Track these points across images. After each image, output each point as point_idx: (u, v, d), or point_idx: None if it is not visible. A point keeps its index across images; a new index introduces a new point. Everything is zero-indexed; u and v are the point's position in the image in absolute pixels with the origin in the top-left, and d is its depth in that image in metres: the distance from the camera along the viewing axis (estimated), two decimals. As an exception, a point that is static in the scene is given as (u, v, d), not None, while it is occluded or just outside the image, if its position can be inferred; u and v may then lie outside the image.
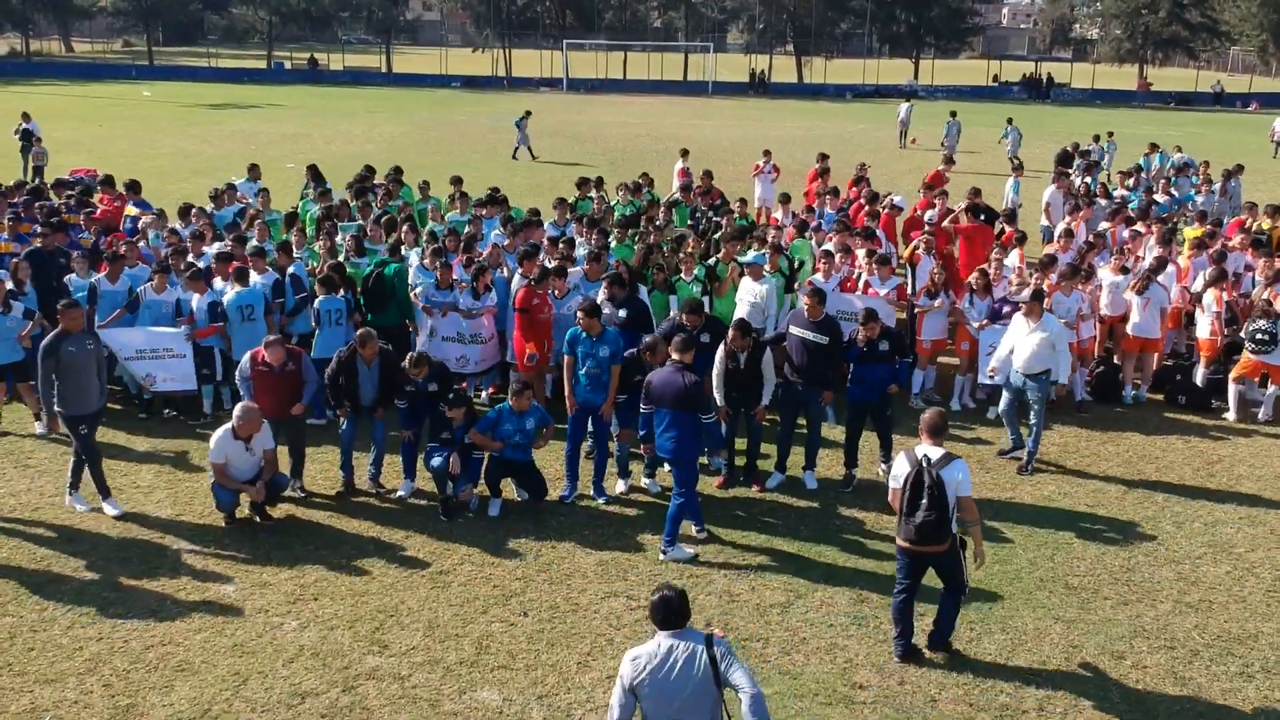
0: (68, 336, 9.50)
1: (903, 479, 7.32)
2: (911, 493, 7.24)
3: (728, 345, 10.09)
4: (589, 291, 12.21)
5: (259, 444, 9.45)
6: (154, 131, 38.68)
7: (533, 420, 9.82)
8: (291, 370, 9.98)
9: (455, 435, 9.79)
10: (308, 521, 9.69)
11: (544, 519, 9.77)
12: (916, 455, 7.33)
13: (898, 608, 7.62)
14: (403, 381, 9.93)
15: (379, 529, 9.54)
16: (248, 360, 9.95)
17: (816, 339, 10.22)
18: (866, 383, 10.38)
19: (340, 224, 14.33)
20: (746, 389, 10.13)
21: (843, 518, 9.92)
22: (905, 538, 7.37)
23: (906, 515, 7.28)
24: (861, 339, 10.34)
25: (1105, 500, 10.42)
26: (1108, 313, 13.36)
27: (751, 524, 9.74)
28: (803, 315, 10.35)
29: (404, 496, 10.12)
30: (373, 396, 10.11)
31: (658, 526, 9.52)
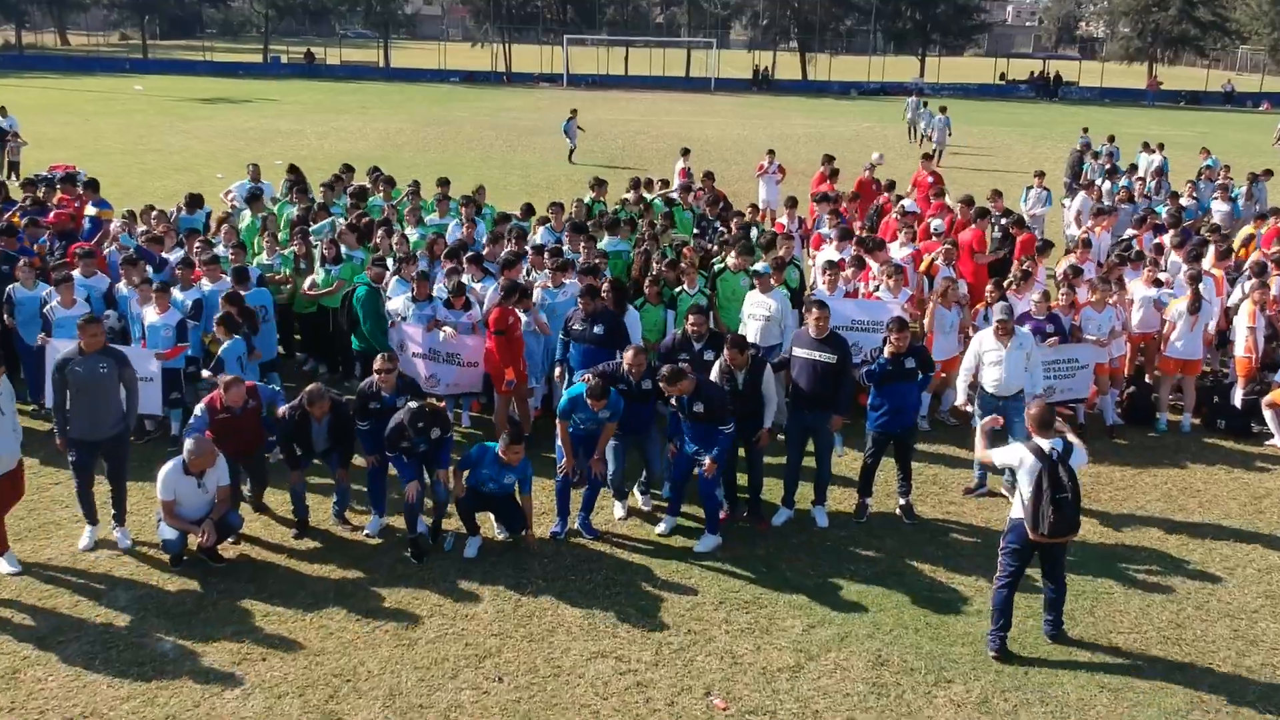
0: (77, 355, 8.59)
1: (1033, 474, 7.31)
2: (1051, 485, 7.24)
3: (724, 363, 9.14)
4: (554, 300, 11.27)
5: (212, 480, 8.48)
6: (143, 127, 37.69)
7: (514, 476, 8.82)
8: (253, 407, 9.01)
9: (414, 443, 8.74)
10: (262, 563, 8.72)
11: (526, 561, 8.79)
12: (1041, 448, 7.37)
13: (1003, 601, 7.59)
14: (364, 399, 8.96)
15: (340, 573, 8.57)
16: (204, 410, 8.88)
17: (825, 358, 9.25)
18: (891, 408, 9.38)
19: (313, 226, 13.34)
20: (746, 413, 9.16)
21: (857, 559, 8.95)
22: (1043, 531, 7.29)
23: (1047, 507, 7.23)
24: (889, 352, 9.32)
25: (1146, 539, 9.45)
26: (1139, 329, 12.37)
27: (755, 567, 8.77)
28: (807, 335, 9.35)
29: (370, 534, 9.15)
30: (325, 445, 9.15)
31: (654, 572, 8.58)
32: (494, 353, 10.49)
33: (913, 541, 9.29)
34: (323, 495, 9.58)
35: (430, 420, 8.75)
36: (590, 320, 10.07)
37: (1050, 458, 7.34)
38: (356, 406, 8.99)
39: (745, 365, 9.04)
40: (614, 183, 18.77)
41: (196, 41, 77.38)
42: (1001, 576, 7.63)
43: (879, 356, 9.40)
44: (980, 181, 26.34)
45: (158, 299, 10.37)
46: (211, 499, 8.48)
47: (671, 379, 8.71)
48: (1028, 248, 13.48)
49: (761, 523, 9.45)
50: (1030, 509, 7.31)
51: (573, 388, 9.18)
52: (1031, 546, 7.49)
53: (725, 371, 9.12)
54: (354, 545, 9.02)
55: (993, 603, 7.70)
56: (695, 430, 8.97)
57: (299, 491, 9.15)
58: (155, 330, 10.30)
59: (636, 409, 9.25)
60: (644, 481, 9.69)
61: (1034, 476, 7.30)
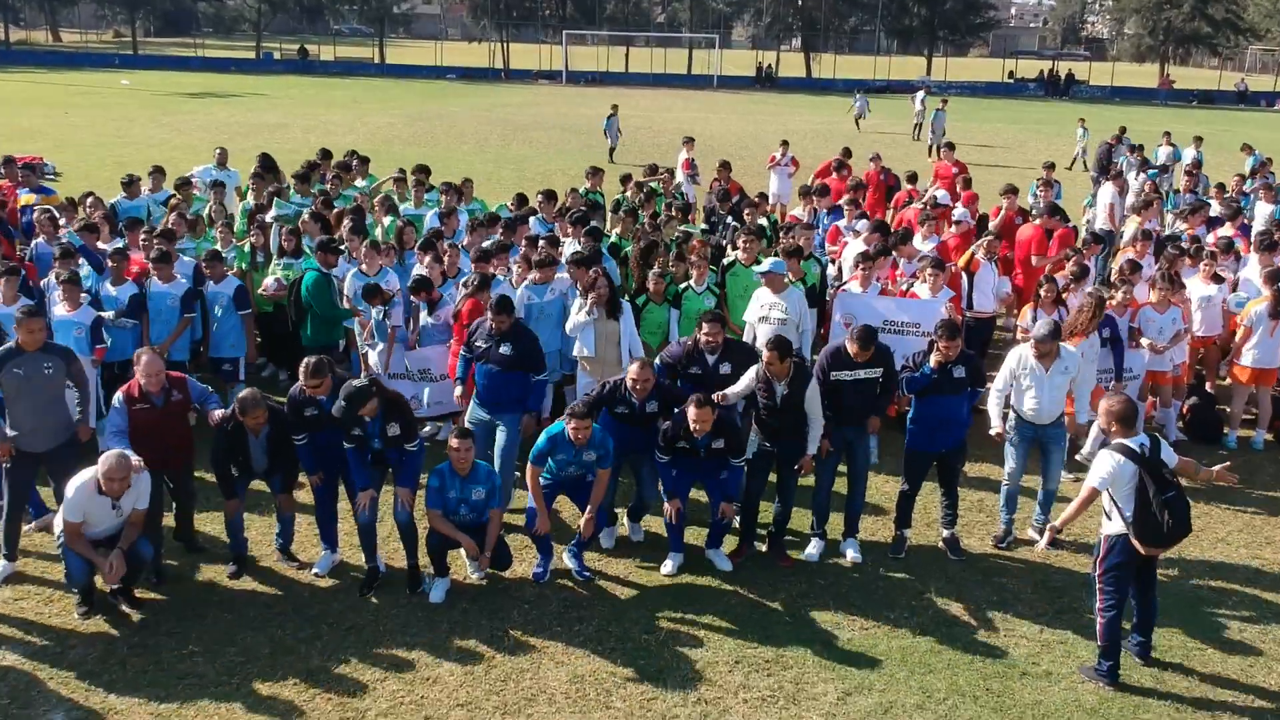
0: (18, 354, 7.36)
1: (1132, 479, 6.36)
2: (1157, 486, 6.31)
3: (760, 372, 7.72)
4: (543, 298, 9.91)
5: (129, 502, 7.05)
6: (124, 120, 36.31)
7: (483, 489, 7.43)
8: (178, 401, 7.57)
9: (369, 431, 7.32)
10: (188, 608, 7.28)
11: (503, 607, 7.37)
12: (1130, 448, 6.40)
13: (1111, 630, 6.63)
14: (299, 408, 7.52)
15: (280, 622, 7.14)
16: (121, 400, 7.46)
17: (869, 374, 7.90)
18: (935, 424, 7.98)
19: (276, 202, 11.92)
20: (788, 432, 7.78)
21: (897, 605, 7.51)
22: (1152, 541, 6.40)
23: (1159, 511, 6.30)
24: (936, 361, 7.88)
25: (1230, 577, 8.04)
26: (1199, 332, 10.97)
27: (776, 616, 7.35)
28: (845, 358, 7.86)
29: (320, 574, 7.72)
30: (265, 464, 7.69)
31: (656, 623, 7.19)
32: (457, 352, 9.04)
33: (961, 582, 7.88)
34: (267, 524, 8.16)
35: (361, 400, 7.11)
36: (498, 339, 8.28)
37: (1144, 455, 6.41)
38: (290, 418, 7.55)
39: (786, 375, 7.63)
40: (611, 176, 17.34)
41: (190, 39, 76.00)
42: (1107, 602, 6.63)
43: (923, 363, 7.98)
44: (996, 177, 24.99)
45: (66, 292, 8.91)
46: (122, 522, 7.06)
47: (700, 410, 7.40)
48: (1068, 241, 12.05)
49: (785, 559, 8.03)
50: (1138, 519, 6.37)
51: (551, 426, 7.70)
52: (1138, 562, 6.56)
53: (762, 381, 7.71)
54: (300, 586, 7.60)
55: (1101, 634, 6.68)
56: (702, 467, 7.68)
57: (236, 523, 7.73)
58: (64, 329, 8.81)
59: (635, 432, 7.87)
60: (634, 508, 8.27)
61: (1134, 482, 6.35)
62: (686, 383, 8.37)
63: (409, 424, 7.50)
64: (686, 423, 7.47)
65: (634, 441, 7.92)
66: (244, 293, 9.97)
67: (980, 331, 10.94)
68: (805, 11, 71.64)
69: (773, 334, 9.36)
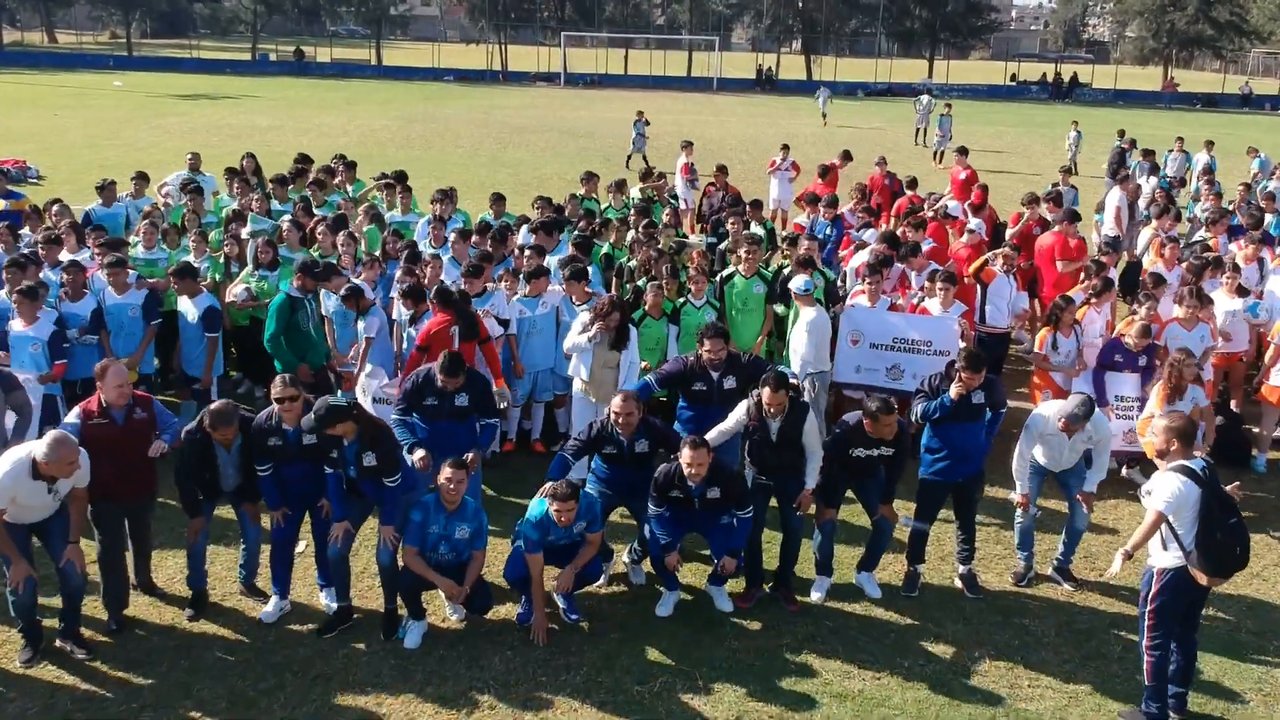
0: None
1: (1195, 504, 5.84)
2: (1222, 508, 5.84)
3: (752, 406, 7.15)
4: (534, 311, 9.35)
5: (64, 486, 6.43)
6: (115, 122, 35.71)
7: (468, 528, 6.85)
8: (142, 419, 6.92)
9: (345, 456, 6.76)
10: (139, 654, 6.70)
11: (484, 654, 6.79)
12: (1193, 469, 5.90)
13: (1161, 667, 6.15)
14: (261, 436, 6.91)
15: (239, 670, 6.55)
16: (77, 414, 6.87)
17: (884, 452, 7.29)
18: (952, 452, 7.40)
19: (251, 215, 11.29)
20: (786, 467, 7.23)
21: (911, 652, 6.92)
22: (1216, 570, 5.88)
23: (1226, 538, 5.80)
24: (956, 392, 7.30)
25: (1270, 617, 7.46)
26: (1224, 349, 10.38)
27: (781, 665, 6.76)
28: (863, 435, 7.19)
29: (267, 620, 7.07)
30: (236, 482, 7.09)
31: (651, 671, 6.60)
32: None
33: (979, 624, 7.30)
34: (231, 557, 7.57)
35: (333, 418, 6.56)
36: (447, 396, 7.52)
37: (1205, 477, 5.91)
38: (254, 442, 6.94)
39: (782, 410, 7.06)
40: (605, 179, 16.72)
41: (186, 40, 75.45)
42: (1155, 639, 6.15)
43: (941, 391, 7.38)
44: (1003, 183, 24.43)
45: (20, 306, 8.30)
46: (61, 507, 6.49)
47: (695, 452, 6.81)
48: (1084, 251, 11.47)
49: (792, 603, 7.43)
50: (1201, 547, 5.85)
51: (534, 506, 7.05)
52: (1191, 596, 6.09)
53: (755, 416, 7.14)
54: (264, 630, 7.01)
55: (1148, 674, 6.20)
56: (698, 517, 7.09)
57: (198, 551, 7.12)
58: (20, 345, 8.22)
59: (627, 472, 7.29)
60: (635, 549, 7.68)
61: (1196, 507, 5.85)
62: (690, 401, 7.85)
63: (389, 457, 6.91)
64: (680, 469, 6.90)
65: (627, 484, 7.35)
66: (215, 314, 9.35)
67: (992, 348, 10.33)
68: (806, 13, 71.05)
69: (807, 353, 8.90)
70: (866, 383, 9.70)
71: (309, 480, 6.98)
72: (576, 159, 29.16)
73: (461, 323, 8.57)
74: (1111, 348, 9.11)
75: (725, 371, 7.78)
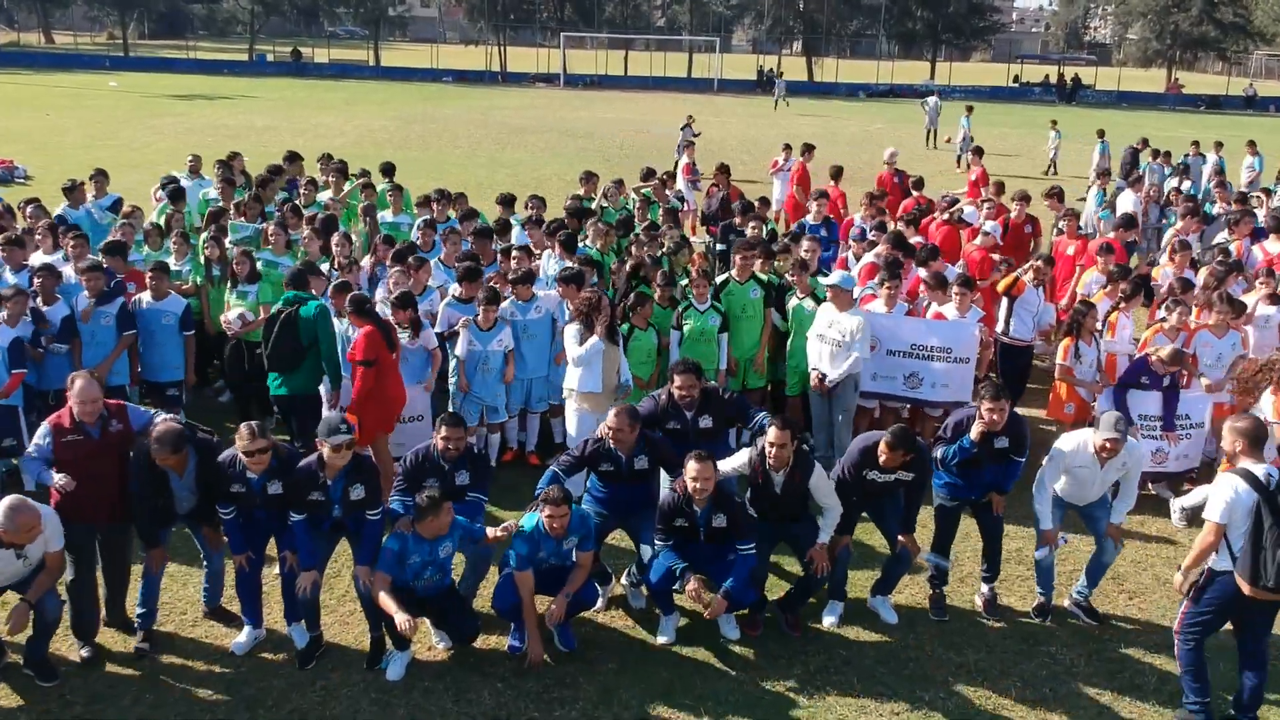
0: None
1: (1249, 510, 5.59)
2: (1276, 523, 5.50)
3: (756, 457, 6.67)
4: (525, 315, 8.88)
5: (35, 548, 5.97)
6: (109, 123, 35.26)
7: (450, 544, 6.38)
8: (118, 431, 6.43)
9: (330, 496, 6.32)
10: (102, 685, 6.21)
11: (472, 687, 6.30)
12: (1255, 475, 5.63)
13: (1195, 659, 5.94)
14: (225, 478, 6.42)
15: (207, 705, 6.06)
16: (48, 432, 6.37)
17: (900, 477, 6.81)
18: (966, 481, 7.02)
19: (231, 224, 10.78)
20: (790, 519, 6.83)
21: (930, 683, 6.43)
22: (1267, 583, 5.54)
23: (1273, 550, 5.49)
24: (978, 432, 6.79)
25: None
26: (1254, 355, 9.88)
27: (790, 697, 6.28)
28: (876, 461, 6.71)
29: (238, 652, 6.57)
30: (192, 505, 6.58)
31: (651, 705, 6.11)
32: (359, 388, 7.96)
33: (1004, 653, 6.81)
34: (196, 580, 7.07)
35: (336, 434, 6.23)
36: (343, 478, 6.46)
37: (1268, 487, 5.62)
38: (215, 485, 6.44)
39: (787, 463, 6.58)
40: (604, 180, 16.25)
41: (183, 41, 75.04)
42: (1189, 630, 5.95)
43: (961, 436, 6.90)
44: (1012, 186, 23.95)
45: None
46: (35, 570, 6.01)
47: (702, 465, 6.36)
48: (1121, 255, 10.99)
49: (796, 629, 6.94)
50: (1248, 555, 5.60)
51: (525, 520, 6.57)
52: (1238, 605, 5.78)
53: (759, 467, 6.66)
54: (235, 659, 6.52)
55: (1182, 666, 6.03)
56: (704, 552, 6.63)
57: (154, 582, 6.61)
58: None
59: (624, 489, 6.81)
60: (634, 572, 7.19)
61: (1250, 512, 5.61)
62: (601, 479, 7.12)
63: (375, 488, 6.46)
64: (685, 490, 6.44)
65: (625, 502, 6.88)
66: (190, 313, 8.89)
67: (1016, 359, 9.88)
68: (807, 15, 70.63)
69: (828, 355, 8.46)
70: (883, 391, 9.25)
71: (273, 519, 6.50)
72: (576, 159, 28.69)
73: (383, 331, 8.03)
74: (1137, 368, 8.61)
75: (700, 410, 7.23)
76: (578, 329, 8.26)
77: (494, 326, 8.69)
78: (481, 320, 8.63)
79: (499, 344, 8.70)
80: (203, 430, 6.67)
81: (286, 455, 6.51)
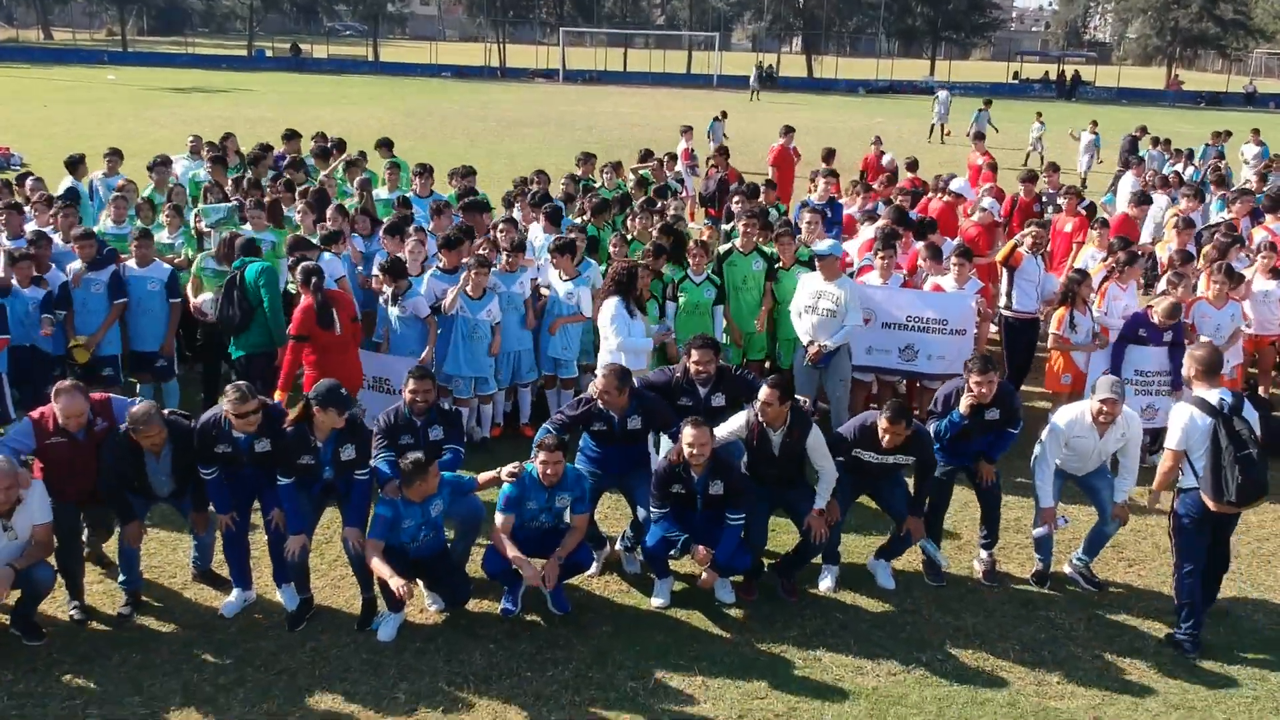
0: None
1: (1206, 434, 6.03)
2: (1231, 442, 5.96)
3: (754, 416, 6.58)
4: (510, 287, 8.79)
5: (22, 520, 5.91)
6: (105, 115, 35.19)
7: (440, 501, 6.30)
8: (103, 430, 6.32)
9: (320, 458, 6.26)
10: (90, 647, 6.15)
11: (464, 648, 6.23)
12: (1208, 402, 6.10)
13: (1191, 591, 6.30)
14: (207, 440, 6.32)
15: (196, 664, 5.99)
16: (29, 429, 6.24)
17: (898, 460, 6.74)
18: (957, 451, 6.99)
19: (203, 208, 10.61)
20: (788, 483, 6.75)
21: (927, 646, 6.36)
22: (1230, 498, 6.01)
23: (1231, 468, 5.95)
24: (968, 405, 6.76)
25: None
26: (1255, 330, 9.85)
27: (786, 661, 6.21)
28: (873, 435, 6.63)
29: (228, 615, 6.50)
30: (170, 489, 6.48)
31: (644, 667, 6.04)
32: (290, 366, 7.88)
33: (1003, 618, 6.74)
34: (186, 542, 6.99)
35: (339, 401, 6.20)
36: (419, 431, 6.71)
37: (1221, 411, 6.05)
38: (198, 447, 6.34)
39: (784, 422, 6.51)
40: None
41: (182, 38, 75.01)
42: (1185, 564, 6.32)
43: (951, 409, 6.86)
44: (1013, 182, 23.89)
45: None
46: (21, 545, 5.92)
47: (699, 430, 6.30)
48: (1122, 228, 10.93)
49: (793, 594, 6.86)
50: (1210, 475, 6.05)
51: None
52: (1210, 520, 6.21)
53: (755, 428, 6.57)
54: (225, 622, 6.45)
55: (1179, 597, 6.40)
56: (698, 521, 6.54)
57: (132, 553, 6.50)
58: None
59: (621, 451, 6.74)
60: (629, 535, 7.11)
61: (1207, 435, 6.03)
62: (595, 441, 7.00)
63: (365, 447, 6.40)
64: (680, 456, 6.37)
65: (618, 462, 6.82)
66: (177, 280, 8.84)
67: (1022, 334, 9.78)
68: (807, 11, 70.59)
69: (817, 325, 8.34)
70: (878, 364, 9.17)
71: (260, 479, 6.42)
72: (574, 150, 28.34)
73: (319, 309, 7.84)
74: (1136, 321, 8.55)
75: (714, 387, 7.09)
76: (618, 307, 8.10)
77: (483, 295, 8.60)
78: (472, 289, 8.53)
79: (488, 314, 8.60)
80: (180, 415, 6.56)
81: (273, 411, 6.44)
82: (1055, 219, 11.85)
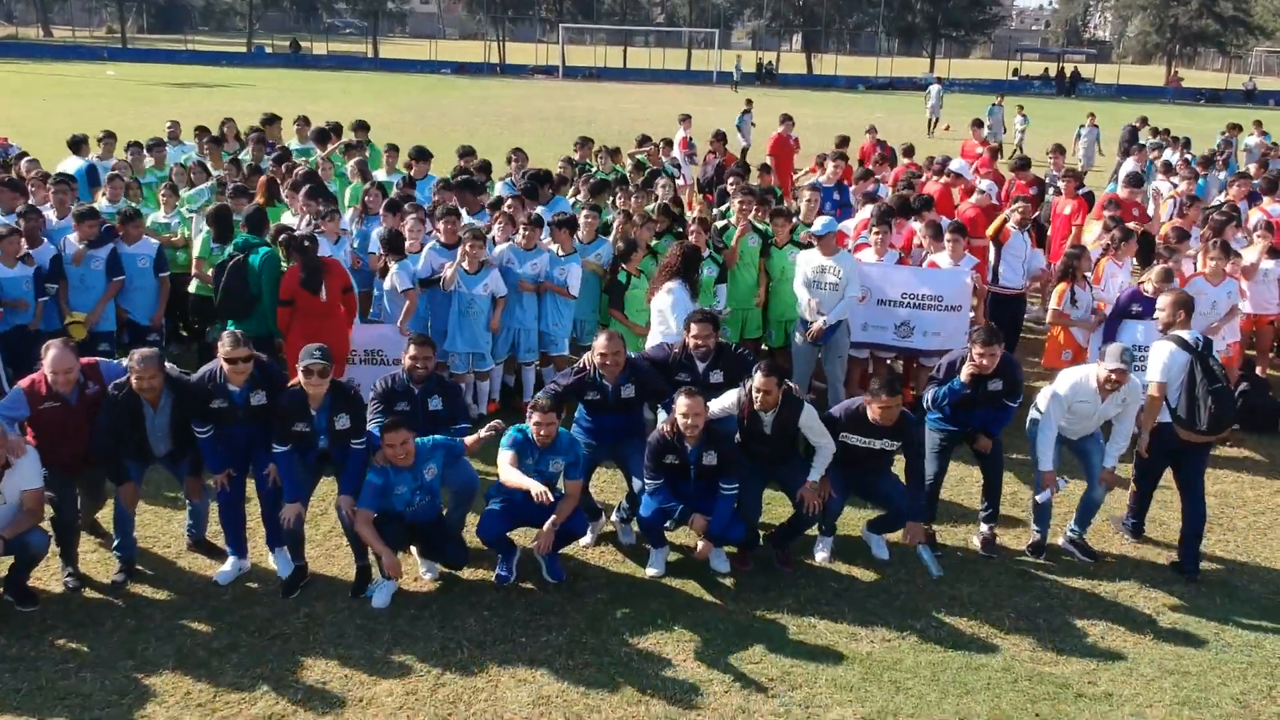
0: None
1: (1183, 368, 6.63)
2: (1206, 377, 6.57)
3: (746, 397, 6.54)
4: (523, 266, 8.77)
5: (11, 485, 5.89)
6: (103, 109, 35.14)
7: (434, 465, 6.30)
8: (95, 394, 6.30)
9: (315, 426, 6.26)
10: (84, 614, 6.14)
11: (458, 614, 6.23)
12: (1184, 339, 6.75)
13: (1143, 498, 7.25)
14: (202, 395, 6.31)
15: (190, 630, 5.99)
16: (21, 396, 6.19)
17: (884, 446, 6.68)
18: (958, 420, 7.00)
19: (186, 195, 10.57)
20: (780, 461, 6.73)
21: (922, 614, 6.36)
22: (1201, 427, 6.59)
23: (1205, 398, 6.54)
24: (969, 374, 6.75)
25: (1312, 586, 6.91)
26: (1252, 309, 9.84)
27: (781, 627, 6.20)
28: (861, 419, 6.58)
29: (223, 583, 6.49)
30: (167, 448, 6.47)
31: (638, 634, 6.04)
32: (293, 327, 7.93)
33: (998, 587, 6.74)
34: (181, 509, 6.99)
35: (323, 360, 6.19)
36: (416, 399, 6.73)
37: (1196, 348, 6.68)
38: (193, 404, 6.34)
39: (776, 405, 6.49)
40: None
41: (182, 35, 75.04)
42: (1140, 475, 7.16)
43: (952, 377, 6.85)
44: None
45: None
46: (11, 510, 5.91)
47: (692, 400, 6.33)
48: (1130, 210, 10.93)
49: (788, 564, 6.86)
50: (1185, 405, 6.61)
51: (513, 428, 6.50)
52: (1178, 449, 6.79)
53: (746, 408, 6.54)
54: (219, 589, 6.45)
55: (1132, 499, 7.32)
56: (692, 492, 6.53)
57: (127, 519, 6.48)
58: None
59: (615, 420, 6.74)
60: (625, 507, 7.10)
61: (1183, 369, 6.62)
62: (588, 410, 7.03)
63: (360, 417, 6.39)
64: (675, 426, 6.36)
65: (612, 431, 6.83)
66: (164, 255, 8.89)
67: (1006, 308, 9.79)
68: (806, 9, 70.57)
69: (820, 302, 8.34)
70: (874, 341, 9.17)
71: (255, 440, 6.40)
72: (572, 144, 28.63)
73: (305, 271, 7.88)
74: (1130, 296, 8.52)
75: (713, 363, 7.04)
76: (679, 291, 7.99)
77: (480, 270, 8.58)
78: (468, 263, 8.52)
79: (484, 289, 8.58)
80: (182, 371, 6.57)
81: (267, 365, 6.45)
82: (1055, 201, 11.86)
